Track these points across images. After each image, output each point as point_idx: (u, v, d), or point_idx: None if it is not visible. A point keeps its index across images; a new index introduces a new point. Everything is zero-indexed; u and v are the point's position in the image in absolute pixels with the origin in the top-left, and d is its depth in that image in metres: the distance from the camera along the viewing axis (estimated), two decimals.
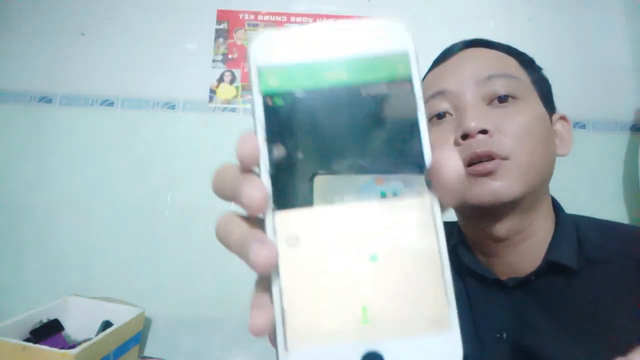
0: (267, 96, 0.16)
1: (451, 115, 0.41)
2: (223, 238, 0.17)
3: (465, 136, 0.38)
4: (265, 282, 0.16)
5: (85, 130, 1.27)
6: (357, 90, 0.16)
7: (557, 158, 0.46)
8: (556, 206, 0.45)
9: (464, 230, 0.47)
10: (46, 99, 1.29)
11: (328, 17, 1.40)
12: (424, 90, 0.47)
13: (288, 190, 0.15)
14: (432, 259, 0.15)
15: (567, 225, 0.41)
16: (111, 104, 1.29)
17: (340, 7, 1.40)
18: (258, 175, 0.16)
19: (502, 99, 0.39)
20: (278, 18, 1.39)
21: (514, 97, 0.40)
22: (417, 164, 0.16)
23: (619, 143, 1.32)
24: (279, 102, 0.16)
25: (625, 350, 0.33)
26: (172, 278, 1.16)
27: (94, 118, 1.28)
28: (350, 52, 0.16)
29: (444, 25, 1.39)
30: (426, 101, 0.44)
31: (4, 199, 1.21)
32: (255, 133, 0.16)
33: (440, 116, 0.42)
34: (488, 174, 0.37)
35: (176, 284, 1.16)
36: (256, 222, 0.16)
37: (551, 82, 1.53)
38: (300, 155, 0.16)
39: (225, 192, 0.17)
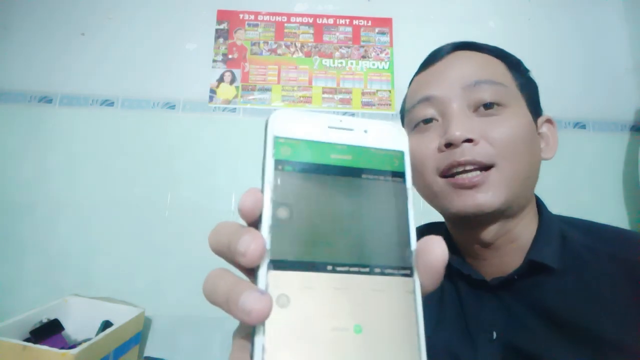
0: (279, 162, 0.17)
1: (437, 120, 0.42)
2: (209, 290, 0.17)
3: (449, 144, 0.39)
4: (243, 343, 0.16)
5: (85, 130, 1.27)
6: (358, 173, 0.18)
7: (556, 159, 0.46)
8: (540, 206, 0.45)
9: (452, 233, 0.47)
10: (46, 99, 1.29)
11: (328, 17, 1.40)
12: (411, 95, 0.45)
13: (285, 250, 0.16)
14: (411, 340, 0.16)
15: (550, 225, 0.42)
16: (111, 104, 1.29)
17: (340, 6, 1.41)
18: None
19: (488, 106, 0.39)
20: (278, 18, 1.39)
21: (499, 105, 0.40)
22: (404, 247, 0.17)
23: (619, 143, 1.32)
24: (288, 169, 0.17)
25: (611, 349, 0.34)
26: (172, 278, 1.16)
27: (94, 118, 1.28)
28: (356, 141, 0.19)
29: (444, 25, 1.39)
30: (413, 106, 0.44)
31: (4, 199, 1.21)
32: (262, 191, 0.17)
33: (427, 121, 0.42)
34: (472, 187, 0.38)
35: (176, 284, 1.16)
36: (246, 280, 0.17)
37: (551, 82, 1.53)
38: (300, 220, 0.17)
39: (221, 246, 0.18)
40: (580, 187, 1.28)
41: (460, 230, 0.45)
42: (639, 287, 0.35)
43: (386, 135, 0.19)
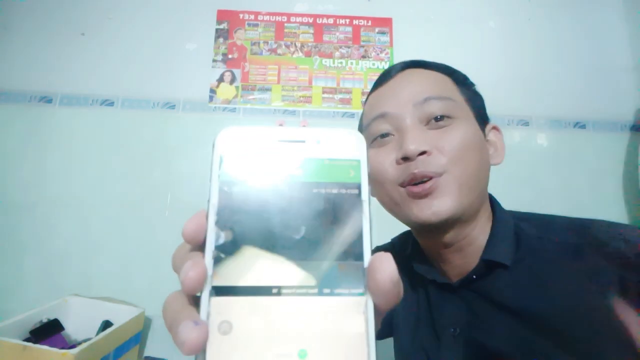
0: (224, 183, 0.17)
1: (393, 135, 0.44)
2: (163, 314, 0.17)
3: (405, 157, 0.41)
4: None
5: (85, 130, 1.27)
6: (309, 188, 0.17)
7: (556, 158, 0.48)
8: (493, 205, 0.47)
9: (417, 239, 0.50)
10: (46, 99, 1.29)
11: (328, 16, 1.40)
12: (367, 112, 0.48)
13: (228, 276, 0.15)
14: None
15: (503, 224, 0.45)
16: (111, 104, 1.29)
17: (340, 6, 1.41)
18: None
19: (438, 119, 0.42)
20: (278, 18, 1.39)
21: (449, 117, 0.43)
22: (356, 265, 0.16)
23: (619, 143, 1.32)
24: (234, 189, 0.16)
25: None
26: (172, 278, 1.14)
27: (94, 118, 1.28)
28: (308, 153, 0.17)
29: (444, 25, 1.39)
30: (370, 123, 0.46)
31: (4, 199, 1.21)
32: (207, 216, 0.16)
33: (383, 136, 0.45)
34: (426, 195, 0.40)
35: (176, 283, 1.15)
36: (195, 304, 0.16)
37: (551, 81, 1.53)
38: (245, 243, 0.16)
39: (175, 269, 0.18)
40: (580, 187, 1.28)
41: (423, 236, 0.48)
42: (587, 270, 0.37)
43: (341, 144, 0.18)
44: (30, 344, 0.78)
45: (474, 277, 0.43)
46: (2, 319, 0.89)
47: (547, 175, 1.27)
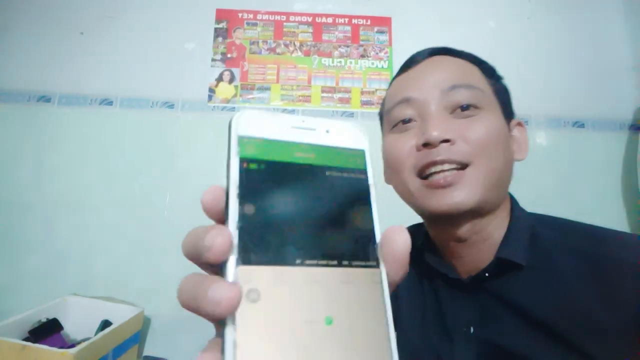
0: (243, 160, 0.18)
1: (416, 121, 0.43)
2: (179, 291, 0.17)
3: (427, 144, 0.40)
4: (215, 341, 0.16)
5: (85, 130, 1.27)
6: (322, 171, 0.19)
7: (555, 158, 0.47)
8: (512, 203, 0.46)
9: (430, 232, 0.48)
10: (45, 99, 1.28)
11: (327, 16, 1.40)
12: (390, 96, 0.47)
13: (253, 246, 0.16)
14: (380, 328, 0.16)
15: (520, 223, 0.43)
16: (110, 103, 1.29)
17: (339, 5, 1.40)
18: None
19: (465, 108, 0.41)
20: (277, 17, 1.39)
21: (475, 107, 0.41)
22: (369, 239, 0.18)
23: (618, 142, 1.32)
24: (253, 167, 0.18)
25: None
26: (172, 278, 1.16)
27: (94, 118, 1.28)
28: (318, 140, 0.19)
29: (444, 24, 1.39)
30: (392, 107, 0.45)
31: (4, 199, 1.21)
32: (227, 190, 0.17)
33: (405, 121, 0.43)
34: (447, 185, 0.39)
35: (175, 283, 1.14)
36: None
37: (551, 81, 1.53)
38: (266, 216, 0.17)
39: (189, 246, 0.18)
40: (578, 186, 1.28)
41: (436, 228, 0.46)
42: (602, 282, 0.36)
43: (347, 135, 0.20)
44: (29, 344, 0.79)
45: (486, 274, 0.41)
46: (1, 319, 0.89)
47: (545, 174, 1.27)
